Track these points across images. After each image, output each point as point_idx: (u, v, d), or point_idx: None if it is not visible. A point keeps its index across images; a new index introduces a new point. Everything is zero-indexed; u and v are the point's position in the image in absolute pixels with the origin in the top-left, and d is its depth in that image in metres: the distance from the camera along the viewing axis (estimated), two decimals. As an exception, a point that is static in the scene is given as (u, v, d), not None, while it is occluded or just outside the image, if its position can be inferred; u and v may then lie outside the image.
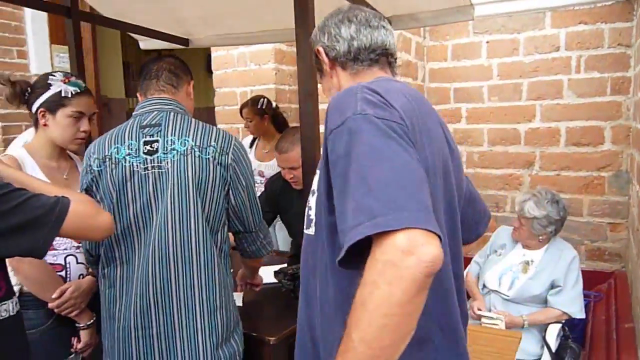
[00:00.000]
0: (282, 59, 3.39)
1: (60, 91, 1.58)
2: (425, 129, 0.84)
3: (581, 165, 2.98)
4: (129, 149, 1.40)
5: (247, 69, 3.43)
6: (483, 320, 2.08)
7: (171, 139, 1.41)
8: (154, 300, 1.37)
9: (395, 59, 1.02)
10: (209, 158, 1.40)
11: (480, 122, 3.25)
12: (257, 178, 3.12)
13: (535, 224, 2.18)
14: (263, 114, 2.98)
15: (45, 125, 1.59)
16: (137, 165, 1.39)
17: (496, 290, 2.26)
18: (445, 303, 0.88)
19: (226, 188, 1.43)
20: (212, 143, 1.41)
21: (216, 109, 3.63)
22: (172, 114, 1.46)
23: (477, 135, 3.27)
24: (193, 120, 1.48)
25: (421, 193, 0.70)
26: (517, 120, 3.14)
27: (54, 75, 1.57)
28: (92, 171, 1.41)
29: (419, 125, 0.82)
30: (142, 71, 1.58)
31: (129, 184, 1.38)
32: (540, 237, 2.23)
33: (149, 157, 1.39)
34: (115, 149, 1.41)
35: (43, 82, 1.58)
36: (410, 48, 3.13)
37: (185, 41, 3.03)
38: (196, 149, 1.40)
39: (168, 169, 1.39)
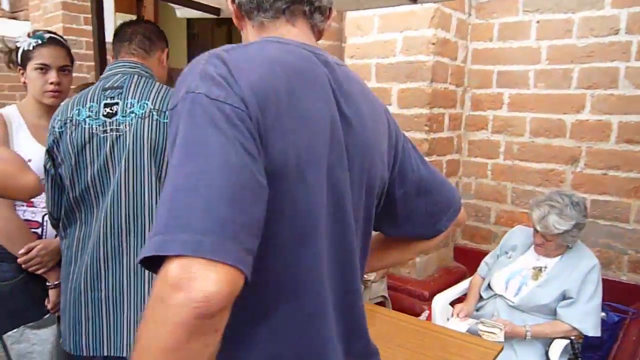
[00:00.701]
0: (316, 32, 3.25)
1: (25, 46, 1.62)
2: (298, 109, 0.70)
3: (632, 165, 2.63)
4: (89, 111, 1.39)
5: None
6: (480, 327, 1.90)
7: (131, 102, 1.39)
8: (104, 264, 1.37)
9: (318, 7, 0.84)
10: (167, 122, 1.36)
11: (524, 110, 2.97)
12: None
13: (566, 237, 1.95)
14: None
15: (24, 83, 1.63)
16: (96, 128, 1.38)
17: (502, 295, 2.06)
18: (307, 327, 0.74)
19: None
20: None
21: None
22: (135, 76, 1.44)
23: (518, 124, 2.99)
24: (157, 84, 1.46)
25: (225, 206, 0.56)
26: (564, 111, 2.82)
27: (26, 35, 1.59)
28: (53, 132, 1.42)
29: (284, 105, 0.68)
30: (117, 34, 1.56)
31: (87, 146, 1.39)
32: (570, 245, 2.00)
33: (108, 120, 1.38)
34: (77, 111, 1.41)
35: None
36: (450, 25, 2.89)
37: (217, 10, 3.00)
38: (155, 113, 1.38)
39: (126, 132, 1.37)
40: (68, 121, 1.39)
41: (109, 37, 5.25)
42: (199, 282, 0.52)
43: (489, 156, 3.13)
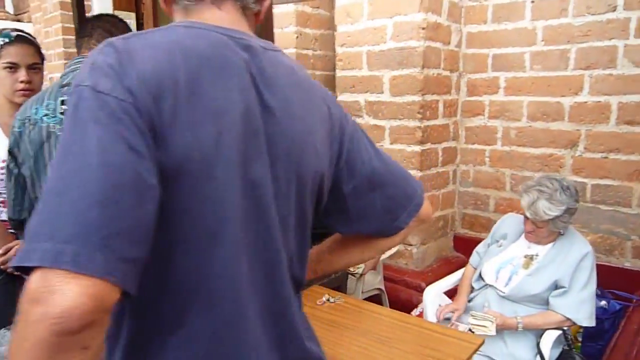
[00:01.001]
0: (306, 21, 3.21)
1: None
2: (203, 99, 0.64)
3: (634, 147, 2.53)
4: (47, 109, 1.37)
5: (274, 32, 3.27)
6: (471, 320, 1.84)
7: None
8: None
9: None
10: None
11: (520, 94, 2.87)
12: None
13: (557, 223, 1.87)
14: None
15: None
16: (53, 126, 1.35)
17: (492, 286, 2.00)
18: (224, 335, 0.69)
19: None
20: None
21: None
22: None
23: (515, 109, 2.90)
24: None
25: (96, 210, 0.51)
26: (562, 93, 2.72)
27: None
28: (13, 132, 1.40)
29: (184, 95, 0.62)
30: (80, 29, 1.54)
31: (45, 145, 1.36)
32: (562, 231, 1.92)
33: (60, 118, 1.35)
34: (35, 110, 1.38)
35: None
36: (441, 8, 2.80)
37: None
38: None
39: None
40: (26, 120, 1.37)
41: (105, 35, 5.18)
42: (57, 296, 0.47)
43: (486, 142, 3.05)
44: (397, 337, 1.47)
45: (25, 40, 1.67)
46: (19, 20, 6.85)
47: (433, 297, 2.18)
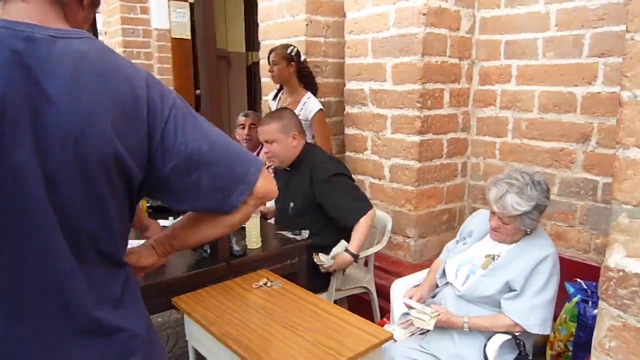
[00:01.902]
0: (318, 9, 3.22)
1: None
2: None
3: (648, 143, 2.28)
4: None
5: (284, 20, 3.33)
6: (411, 311, 1.80)
7: None
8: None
9: None
10: None
11: (532, 83, 2.68)
12: None
13: (525, 219, 1.76)
14: (290, 60, 2.91)
15: None
16: None
17: (451, 284, 1.92)
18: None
19: None
20: None
21: (260, 62, 3.62)
22: None
23: (526, 99, 2.71)
24: None
25: None
26: (575, 83, 2.51)
27: None
28: None
29: None
30: None
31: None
32: (529, 230, 1.81)
33: None
34: None
35: None
36: (447, -8, 2.68)
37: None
38: None
39: None
40: None
41: (161, 24, 5.50)
42: None
43: (497, 134, 2.89)
44: (306, 323, 1.49)
45: None
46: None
47: (399, 292, 2.13)
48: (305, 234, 2.13)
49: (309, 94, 3.00)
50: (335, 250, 2.27)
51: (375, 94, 2.94)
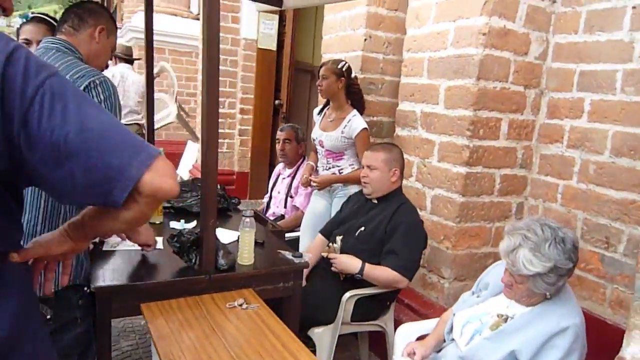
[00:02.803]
0: (379, 24, 3.09)
1: (16, 26, 1.93)
2: None
3: None
4: None
5: (345, 34, 3.23)
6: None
7: None
8: None
9: None
10: None
11: (606, 121, 2.30)
12: (319, 149, 2.99)
13: (539, 282, 1.48)
14: (340, 76, 2.82)
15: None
16: None
17: (456, 341, 1.66)
18: None
19: None
20: (67, 77, 1.46)
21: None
22: (53, 51, 1.57)
23: (598, 139, 2.33)
24: (68, 57, 1.56)
25: None
26: (657, 125, 2.11)
27: None
28: None
29: None
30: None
31: None
32: (548, 294, 1.52)
33: None
34: None
35: None
36: (516, 12, 2.39)
37: (279, 2, 3.06)
38: None
39: None
40: None
41: (250, 34, 5.69)
42: None
43: (561, 176, 2.52)
44: (254, 355, 1.33)
45: (39, 19, 1.93)
46: (198, 19, 7.87)
47: (402, 340, 1.90)
48: (306, 257, 1.97)
49: (354, 111, 2.86)
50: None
51: (426, 117, 2.72)
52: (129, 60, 4.90)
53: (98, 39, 1.69)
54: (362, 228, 2.34)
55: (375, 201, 2.40)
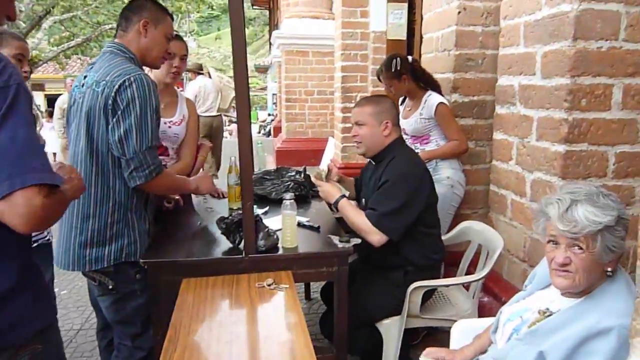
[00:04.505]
0: (475, -6, 2.82)
1: None
2: None
3: None
4: (78, 81, 1.84)
5: (441, 10, 3.04)
6: None
7: (92, 75, 1.76)
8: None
9: None
10: (98, 91, 1.68)
11: None
12: (405, 138, 2.88)
13: (609, 239, 1.20)
14: (400, 76, 2.71)
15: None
16: (76, 94, 1.82)
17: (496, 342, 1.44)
18: None
19: (108, 115, 1.66)
20: (107, 78, 1.68)
21: (423, 56, 3.37)
22: (106, 54, 1.80)
23: None
24: (117, 58, 1.76)
25: None
26: None
27: None
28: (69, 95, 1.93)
29: None
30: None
31: (72, 108, 1.83)
32: (610, 270, 1.25)
33: (80, 89, 1.79)
34: (76, 80, 1.88)
35: None
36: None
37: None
38: (94, 84, 1.71)
39: (82, 99, 1.76)
40: (71, 89, 1.87)
41: (379, 26, 5.75)
42: None
43: (699, 151, 1.99)
44: (263, 339, 1.34)
45: (178, 36, 2.19)
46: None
47: (459, 337, 1.70)
48: (355, 241, 1.89)
49: (429, 91, 2.67)
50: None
51: (524, 91, 2.39)
52: (200, 73, 6.29)
53: (145, 33, 1.80)
54: (363, 201, 2.24)
55: (373, 162, 2.23)
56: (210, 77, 6.40)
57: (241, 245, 1.82)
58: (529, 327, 1.31)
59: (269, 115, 17.64)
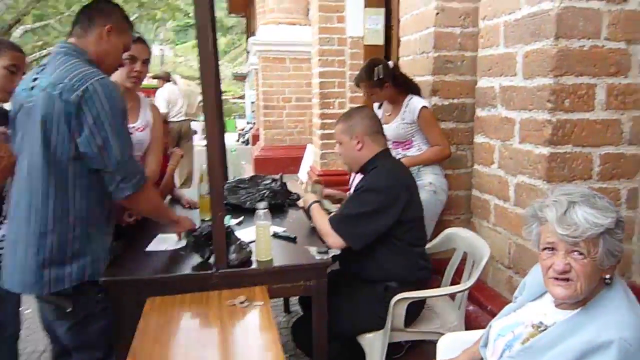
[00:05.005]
0: (453, -5, 2.76)
1: None
2: None
3: None
4: (25, 84, 1.68)
5: (418, 12, 2.97)
6: None
7: (45, 77, 1.60)
8: (12, 210, 1.65)
9: None
10: (55, 94, 1.51)
11: None
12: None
13: (611, 243, 1.11)
14: (383, 84, 2.62)
15: None
16: (23, 98, 1.64)
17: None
18: None
19: (71, 123, 1.51)
20: (65, 81, 1.52)
21: (401, 59, 3.30)
22: (60, 55, 1.64)
23: None
24: (72, 60, 1.60)
25: None
26: None
27: None
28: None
29: None
30: None
31: (18, 113, 1.66)
32: (607, 277, 1.16)
33: (28, 92, 1.62)
34: (22, 83, 1.72)
35: None
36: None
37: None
38: (50, 86, 1.55)
39: (34, 103, 1.59)
40: (16, 93, 1.71)
41: (356, 32, 5.66)
42: None
43: (685, 152, 1.94)
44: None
45: (140, 40, 2.06)
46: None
47: (445, 351, 1.60)
48: (334, 251, 1.79)
49: (409, 95, 2.59)
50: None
51: (505, 92, 2.32)
52: (169, 80, 6.43)
53: (107, 39, 1.67)
54: None
55: (362, 175, 2.15)
56: (176, 84, 6.56)
57: (212, 260, 1.69)
58: (522, 344, 1.21)
59: (248, 123, 17.47)
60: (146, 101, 2.28)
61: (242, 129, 17.24)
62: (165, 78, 6.40)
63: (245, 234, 1.88)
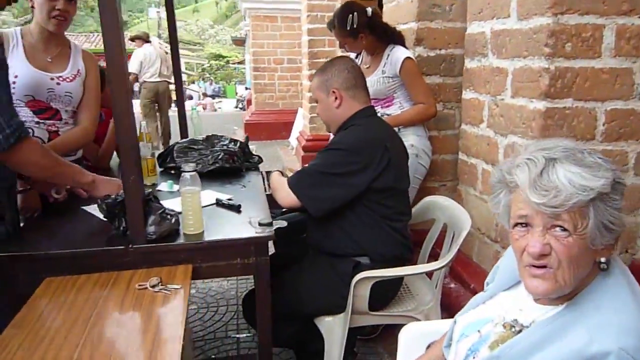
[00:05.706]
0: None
1: None
2: None
3: None
4: None
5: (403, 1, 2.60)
6: None
7: None
8: None
9: None
10: None
11: None
12: None
13: (604, 212, 0.81)
14: (357, 34, 2.27)
15: (32, 7, 1.80)
16: None
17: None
18: None
19: None
20: None
21: (385, 6, 2.93)
22: None
23: None
24: None
25: None
26: None
27: None
28: None
29: None
30: None
31: None
32: (603, 259, 0.85)
33: None
34: None
35: None
36: None
37: None
38: None
39: None
40: None
41: None
42: None
43: None
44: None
45: None
46: None
47: (407, 342, 1.32)
48: (280, 223, 1.49)
49: (391, 45, 2.25)
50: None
51: (497, 38, 1.97)
52: (148, 41, 6.14)
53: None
54: None
55: None
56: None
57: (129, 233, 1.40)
58: (490, 348, 0.92)
59: (247, 89, 17.03)
60: (78, 48, 1.99)
61: (241, 95, 16.85)
62: (144, 38, 6.14)
63: (178, 202, 1.58)
